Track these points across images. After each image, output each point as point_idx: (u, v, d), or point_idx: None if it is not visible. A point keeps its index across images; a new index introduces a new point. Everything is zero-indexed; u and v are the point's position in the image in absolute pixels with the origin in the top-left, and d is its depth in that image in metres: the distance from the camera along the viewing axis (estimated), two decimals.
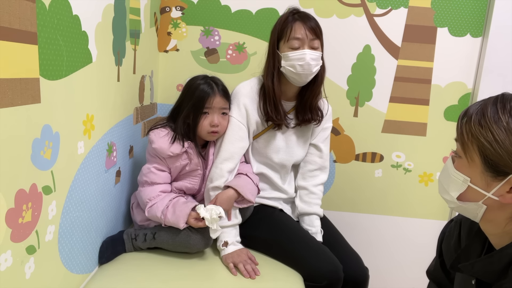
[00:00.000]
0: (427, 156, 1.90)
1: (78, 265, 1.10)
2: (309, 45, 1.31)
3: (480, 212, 0.75)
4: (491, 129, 0.68)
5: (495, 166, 0.69)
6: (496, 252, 0.75)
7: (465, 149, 0.73)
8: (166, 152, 1.28)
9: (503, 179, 0.69)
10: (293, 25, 1.32)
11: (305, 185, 1.51)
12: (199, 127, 1.31)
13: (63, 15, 0.90)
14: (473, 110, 0.72)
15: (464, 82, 1.84)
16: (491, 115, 0.69)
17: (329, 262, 1.29)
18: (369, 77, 1.84)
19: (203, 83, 1.32)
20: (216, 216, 1.20)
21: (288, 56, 1.31)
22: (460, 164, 0.76)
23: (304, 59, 1.30)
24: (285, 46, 1.33)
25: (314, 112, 1.43)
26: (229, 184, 1.32)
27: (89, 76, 1.05)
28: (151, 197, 1.28)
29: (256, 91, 1.41)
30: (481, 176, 0.72)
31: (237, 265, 1.24)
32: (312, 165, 1.52)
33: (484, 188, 0.72)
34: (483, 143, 0.69)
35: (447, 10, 1.78)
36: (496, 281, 0.75)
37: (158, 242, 1.28)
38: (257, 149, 1.45)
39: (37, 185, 0.85)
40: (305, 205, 1.49)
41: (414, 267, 2.00)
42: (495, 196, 0.71)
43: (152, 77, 1.73)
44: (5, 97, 0.72)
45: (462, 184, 0.75)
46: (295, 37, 1.31)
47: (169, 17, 1.82)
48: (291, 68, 1.31)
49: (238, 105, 1.38)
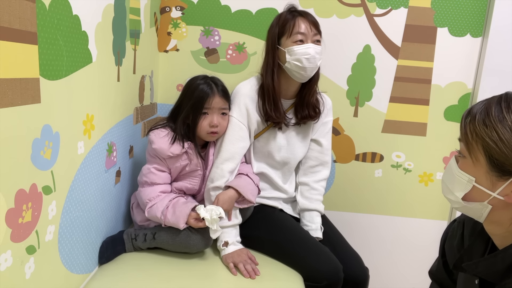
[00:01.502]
0: (427, 156, 1.90)
1: (78, 265, 1.10)
2: (312, 39, 1.32)
3: (485, 212, 0.74)
4: (496, 129, 0.68)
5: (500, 166, 0.69)
6: (500, 251, 0.75)
7: (470, 149, 0.73)
8: (166, 153, 1.28)
9: (509, 178, 0.69)
10: (296, 20, 1.33)
11: (306, 181, 1.51)
12: (198, 128, 1.31)
13: (63, 15, 0.90)
14: (476, 110, 0.72)
15: (464, 82, 1.84)
16: (495, 114, 0.68)
17: (329, 262, 1.29)
18: (369, 77, 1.84)
19: (203, 83, 1.32)
20: (216, 217, 1.20)
21: (293, 50, 1.31)
22: (464, 164, 0.75)
23: (309, 53, 1.30)
24: (289, 41, 1.33)
25: (311, 109, 1.44)
26: (229, 184, 1.32)
27: (89, 76, 1.05)
28: (151, 198, 1.28)
29: (256, 90, 1.41)
30: (486, 176, 0.71)
31: (237, 265, 1.24)
32: (313, 161, 1.52)
33: (489, 188, 0.72)
34: (488, 142, 0.68)
35: (447, 10, 1.78)
36: (499, 281, 0.75)
37: (158, 242, 1.28)
38: (258, 148, 1.45)
39: (37, 185, 0.85)
40: (306, 201, 1.49)
41: (414, 267, 2.00)
42: (500, 196, 0.71)
43: (152, 77, 1.73)
44: (5, 97, 0.72)
45: (467, 184, 0.74)
46: (299, 32, 1.31)
47: (169, 17, 1.82)
48: (297, 62, 1.31)
49: (238, 105, 1.38)
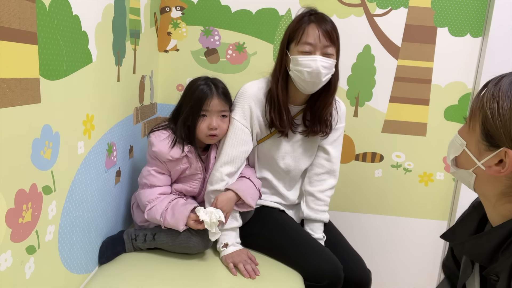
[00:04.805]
0: (427, 156, 1.90)
1: (78, 265, 1.10)
2: (321, 51, 1.21)
3: (471, 180, 0.76)
4: (499, 101, 0.68)
5: (490, 137, 0.70)
6: (485, 232, 0.76)
7: (471, 116, 0.74)
8: (166, 156, 1.27)
9: (495, 150, 0.70)
10: (307, 28, 1.21)
11: (311, 191, 1.43)
12: (197, 130, 1.29)
13: (63, 15, 0.90)
14: (493, 81, 0.72)
15: (464, 82, 1.84)
16: (503, 87, 0.69)
17: (329, 261, 1.28)
18: (369, 77, 1.84)
19: (203, 84, 1.30)
20: (215, 220, 1.19)
21: (297, 60, 1.22)
22: (462, 129, 0.78)
23: (313, 66, 1.20)
24: (296, 49, 1.23)
25: (323, 124, 1.34)
26: (230, 187, 1.30)
27: (89, 76, 1.05)
28: (150, 200, 1.28)
29: (264, 93, 1.34)
30: (476, 144, 0.73)
31: (237, 265, 1.24)
32: (319, 169, 1.44)
33: (476, 155, 0.73)
34: (486, 113, 0.69)
35: (447, 10, 1.78)
36: (488, 264, 0.75)
37: (158, 243, 1.28)
38: (262, 153, 1.40)
39: (37, 185, 0.85)
40: (311, 212, 1.43)
41: (413, 267, 2.00)
42: (483, 166, 0.72)
43: (152, 77, 1.73)
44: (5, 97, 0.72)
45: (459, 147, 0.77)
46: (307, 42, 1.21)
47: (169, 17, 1.82)
48: (299, 73, 1.23)
49: (242, 107, 1.32)
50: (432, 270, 2.01)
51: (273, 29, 1.81)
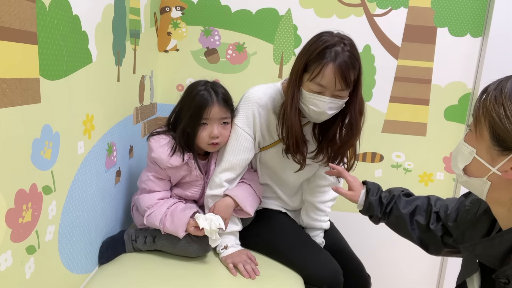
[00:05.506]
0: (427, 156, 1.90)
1: (78, 265, 1.10)
2: (333, 94, 1.15)
3: (485, 188, 0.75)
4: (504, 104, 0.68)
5: (502, 141, 0.69)
6: (497, 235, 0.75)
7: (477, 123, 0.74)
8: (165, 164, 1.24)
9: (509, 154, 0.69)
10: (324, 68, 1.11)
11: (312, 201, 1.41)
12: (198, 139, 1.25)
13: (63, 15, 0.90)
14: (492, 86, 0.73)
15: (464, 82, 1.84)
16: (507, 91, 0.69)
17: (329, 266, 1.28)
18: (369, 77, 1.84)
19: (203, 89, 1.24)
20: (215, 228, 1.18)
21: (306, 97, 1.17)
22: (469, 137, 0.77)
23: (320, 107, 1.16)
24: (307, 84, 1.16)
25: (340, 161, 1.30)
26: (229, 193, 1.28)
27: (89, 76, 1.05)
28: (149, 205, 1.26)
29: (272, 101, 1.27)
30: (487, 150, 0.72)
31: (237, 265, 1.23)
32: (322, 181, 1.40)
33: (489, 162, 0.72)
34: (494, 117, 0.69)
35: (447, 10, 1.78)
36: (499, 267, 0.75)
37: (158, 246, 1.27)
38: (264, 160, 1.37)
39: (37, 185, 0.85)
40: (310, 220, 1.42)
41: (413, 267, 2.00)
42: (499, 172, 0.71)
43: (152, 77, 1.73)
44: (5, 97, 0.72)
45: (468, 155, 0.76)
46: (320, 84, 1.13)
47: (169, 17, 1.82)
48: (304, 106, 1.20)
49: (246, 113, 1.27)
50: (432, 271, 2.01)
51: (273, 29, 1.81)
